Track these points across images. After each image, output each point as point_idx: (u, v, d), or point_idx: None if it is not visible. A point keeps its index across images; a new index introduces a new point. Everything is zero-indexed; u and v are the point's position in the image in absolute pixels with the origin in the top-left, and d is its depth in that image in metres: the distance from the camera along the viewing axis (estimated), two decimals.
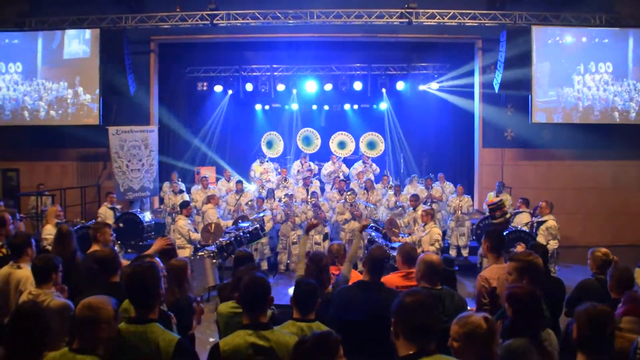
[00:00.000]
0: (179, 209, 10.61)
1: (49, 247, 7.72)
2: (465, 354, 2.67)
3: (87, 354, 2.90)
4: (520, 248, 6.07)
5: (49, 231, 8.31)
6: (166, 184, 13.49)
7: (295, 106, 17.32)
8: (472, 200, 13.13)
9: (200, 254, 8.94)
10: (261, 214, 11.06)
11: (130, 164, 13.28)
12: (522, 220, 10.68)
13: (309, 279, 3.75)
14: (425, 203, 12.01)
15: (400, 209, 12.14)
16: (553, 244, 9.52)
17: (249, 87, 16.37)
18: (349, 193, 11.63)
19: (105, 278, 4.31)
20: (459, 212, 12.07)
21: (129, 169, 13.25)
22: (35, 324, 3.08)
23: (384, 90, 16.39)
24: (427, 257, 4.26)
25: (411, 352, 2.57)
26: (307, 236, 5.44)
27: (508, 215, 8.47)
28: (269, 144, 15.16)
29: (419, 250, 8.15)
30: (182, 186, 13.34)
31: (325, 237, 11.37)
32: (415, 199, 11.02)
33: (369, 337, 3.03)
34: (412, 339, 2.59)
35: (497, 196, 12.41)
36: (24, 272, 4.66)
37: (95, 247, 5.60)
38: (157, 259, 4.06)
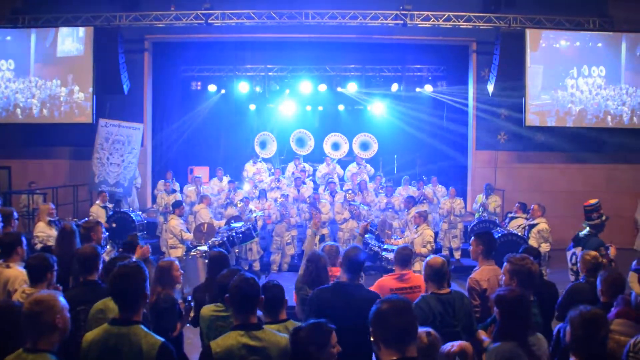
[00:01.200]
0: (171, 208, 10.57)
1: (40, 245, 7.69)
2: None
3: (40, 352, 2.87)
4: (612, 249, 6.02)
5: (41, 229, 8.25)
6: (161, 183, 13.44)
7: (289, 106, 17.29)
8: (465, 202, 13.16)
9: (192, 253, 8.93)
10: (254, 214, 11.04)
11: (111, 157, 13.27)
12: (517, 224, 10.65)
13: (274, 282, 3.76)
14: (418, 201, 12.01)
15: (391, 210, 12.14)
16: (545, 247, 9.52)
17: (243, 86, 16.33)
18: (349, 192, 11.63)
19: (85, 276, 4.28)
20: (452, 215, 12.09)
21: (109, 162, 13.23)
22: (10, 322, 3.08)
23: (377, 91, 16.40)
24: (434, 262, 4.25)
25: (394, 359, 2.56)
26: (313, 235, 5.42)
27: (604, 218, 8.38)
28: (262, 144, 15.12)
29: None
30: (177, 185, 13.30)
31: (322, 238, 11.35)
32: (409, 201, 11.00)
33: (344, 340, 3.01)
34: (391, 346, 2.57)
35: (486, 199, 12.44)
36: (13, 271, 4.62)
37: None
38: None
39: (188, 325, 4.65)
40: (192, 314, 4.51)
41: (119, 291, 3.13)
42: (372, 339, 2.65)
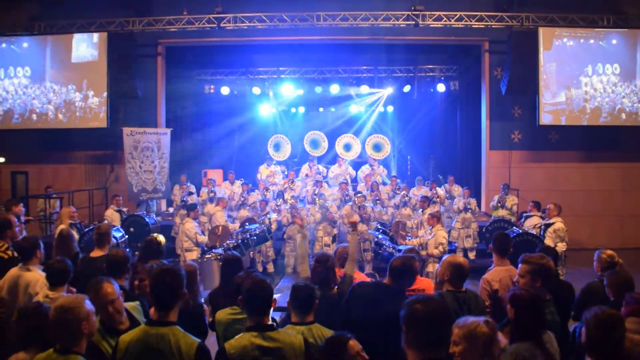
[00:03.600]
0: (186, 211, 10.64)
1: None
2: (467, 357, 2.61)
3: (70, 354, 2.97)
4: None
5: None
6: (176, 187, 13.55)
7: (302, 108, 17.35)
8: (479, 202, 13.09)
9: (207, 256, 8.96)
10: (269, 216, 11.07)
11: (143, 165, 13.40)
12: (532, 223, 10.60)
13: (305, 282, 3.79)
14: (432, 201, 11.97)
15: (407, 207, 12.12)
16: (561, 247, 9.44)
17: (256, 89, 16.40)
18: (358, 196, 11.61)
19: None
20: (467, 211, 12.00)
21: (142, 169, 13.36)
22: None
23: (390, 90, 16.35)
24: (454, 260, 4.26)
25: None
26: (355, 233, 5.33)
27: None
28: (276, 147, 15.19)
29: (423, 253, 8.18)
30: (192, 188, 13.40)
31: (334, 238, 11.36)
32: (424, 201, 10.97)
33: (382, 337, 3.03)
34: (422, 349, 2.49)
35: (502, 199, 12.43)
36: (34, 274, 4.68)
37: (98, 251, 5.61)
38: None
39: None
40: (210, 319, 4.54)
41: (159, 290, 3.17)
42: (403, 337, 2.56)
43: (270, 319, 3.32)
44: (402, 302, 3.95)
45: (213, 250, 9.37)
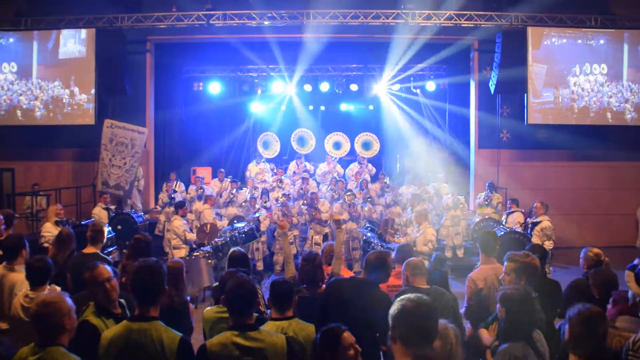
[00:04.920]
0: (174, 208, 10.60)
1: (47, 245, 7.78)
2: None
3: (52, 346, 2.95)
4: None
5: (48, 229, 8.51)
6: (165, 185, 13.47)
7: (291, 106, 17.31)
8: (468, 201, 13.16)
9: (195, 254, 8.93)
10: (257, 215, 11.05)
11: (113, 159, 13.20)
12: (515, 220, 10.69)
13: (284, 278, 3.81)
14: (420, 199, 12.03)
15: (397, 206, 12.16)
16: (548, 245, 9.54)
17: (245, 87, 16.35)
18: (348, 194, 11.61)
19: None
20: (457, 210, 12.07)
21: (111, 163, 13.16)
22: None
23: (380, 88, 16.34)
24: (411, 261, 4.44)
25: (411, 358, 2.48)
26: (285, 235, 5.49)
27: None
28: (265, 145, 15.17)
29: None
30: (182, 186, 13.32)
31: (325, 237, 11.37)
32: (414, 199, 11.01)
33: (357, 332, 3.07)
34: (410, 345, 2.49)
35: (490, 194, 12.51)
36: (19, 275, 4.61)
37: (91, 248, 5.57)
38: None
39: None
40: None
41: (139, 286, 3.19)
42: (390, 334, 2.56)
43: (253, 319, 3.30)
44: (377, 296, 4.01)
45: (201, 248, 9.34)
